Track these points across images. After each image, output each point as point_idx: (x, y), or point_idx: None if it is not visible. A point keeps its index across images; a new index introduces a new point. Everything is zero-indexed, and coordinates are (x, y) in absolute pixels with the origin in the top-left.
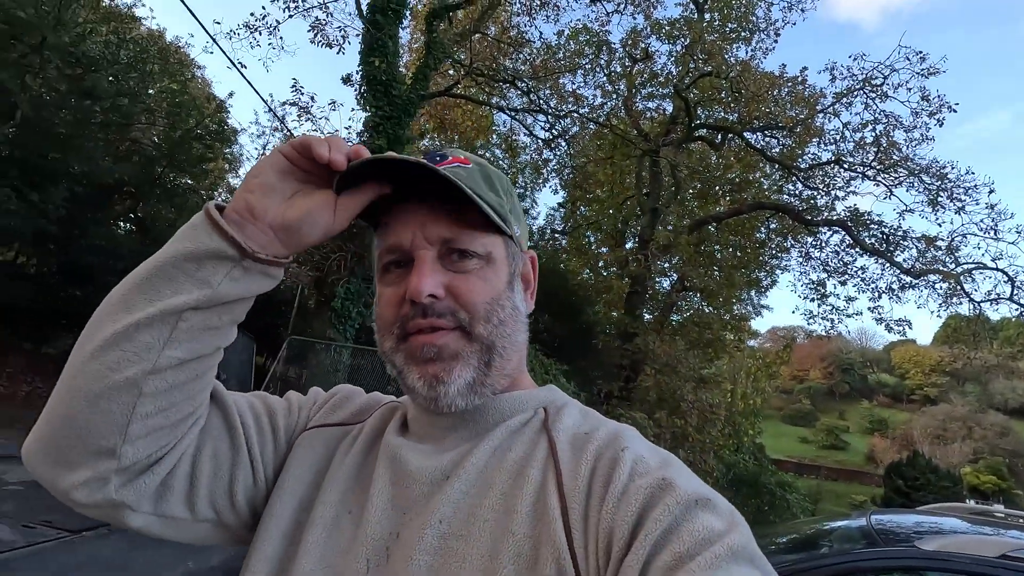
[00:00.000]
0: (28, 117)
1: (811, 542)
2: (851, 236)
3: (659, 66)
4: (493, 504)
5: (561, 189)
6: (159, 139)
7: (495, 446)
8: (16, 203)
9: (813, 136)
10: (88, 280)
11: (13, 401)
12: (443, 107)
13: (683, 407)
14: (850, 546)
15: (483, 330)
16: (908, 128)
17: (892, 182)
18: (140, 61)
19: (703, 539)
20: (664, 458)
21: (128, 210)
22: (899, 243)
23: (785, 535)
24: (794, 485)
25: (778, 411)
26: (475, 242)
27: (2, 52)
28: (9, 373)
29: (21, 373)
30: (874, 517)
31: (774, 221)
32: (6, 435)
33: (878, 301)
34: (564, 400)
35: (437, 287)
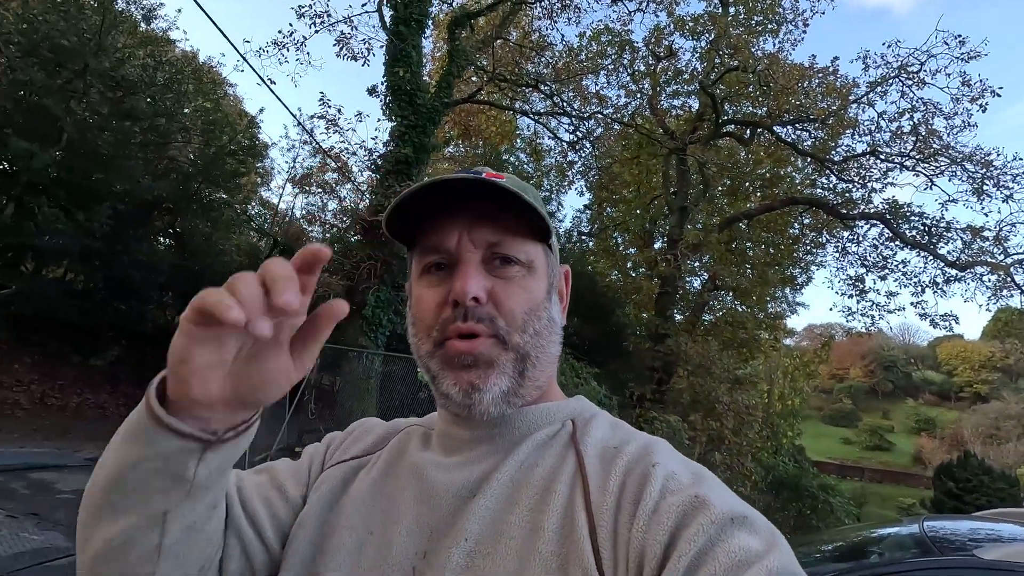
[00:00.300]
0: (73, 140)
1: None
2: (890, 229)
3: (683, 63)
4: (520, 521)
5: (587, 191)
6: (195, 156)
7: (522, 460)
8: (64, 222)
9: (847, 127)
10: (131, 294)
11: (65, 412)
12: (467, 114)
13: (718, 409)
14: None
15: (519, 339)
16: (948, 115)
17: (933, 172)
18: (175, 82)
19: (740, 561)
20: (697, 473)
21: (167, 225)
22: (942, 235)
23: (832, 542)
24: (837, 488)
25: (818, 411)
26: (519, 249)
27: (48, 79)
28: (61, 385)
29: (72, 385)
30: (927, 523)
31: (808, 216)
32: (58, 444)
33: (921, 296)
34: (593, 411)
35: (481, 290)
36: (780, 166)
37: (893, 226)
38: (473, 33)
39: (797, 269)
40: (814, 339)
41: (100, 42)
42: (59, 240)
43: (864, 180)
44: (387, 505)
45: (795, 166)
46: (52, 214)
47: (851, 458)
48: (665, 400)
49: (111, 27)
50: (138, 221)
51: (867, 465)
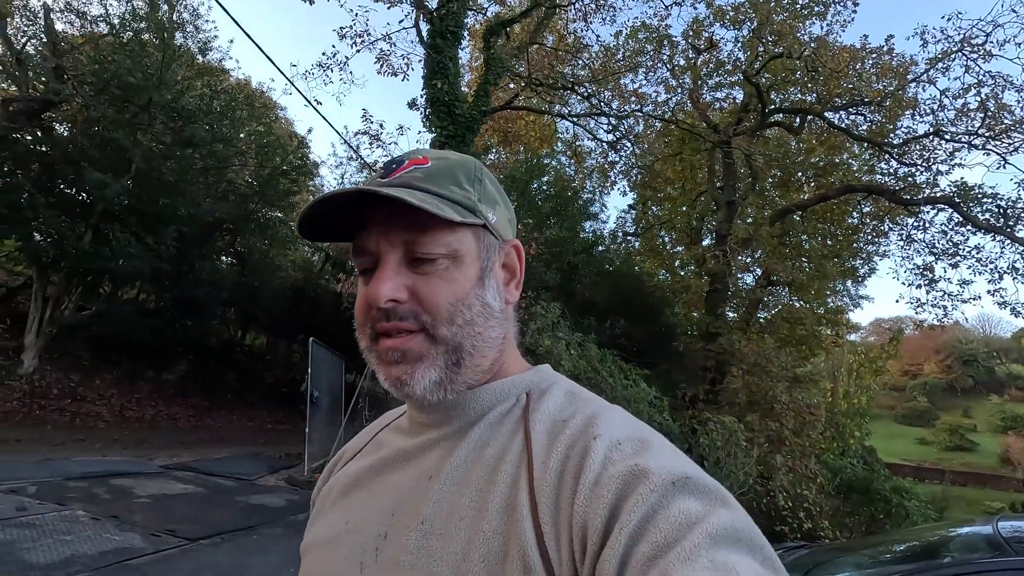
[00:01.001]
0: (141, 169)
1: (928, 550)
2: (960, 213)
3: (725, 54)
4: (469, 502)
5: (630, 190)
6: (251, 178)
7: (475, 441)
8: (135, 246)
9: (906, 108)
10: (197, 311)
11: (141, 423)
12: (506, 120)
13: (777, 409)
14: (973, 555)
15: (446, 331)
16: (1021, 87)
17: (1005, 149)
18: (231, 109)
19: (681, 524)
20: (642, 440)
21: (228, 245)
22: (1020, 216)
23: (898, 542)
24: (913, 491)
25: (889, 410)
26: (436, 243)
27: (118, 114)
28: (137, 398)
29: (147, 398)
30: (1002, 523)
31: (867, 204)
32: (135, 453)
33: (999, 283)
34: (551, 382)
35: (398, 291)
36: (834, 153)
37: (963, 210)
38: (508, 40)
39: (858, 260)
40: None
41: (162, 76)
42: (132, 263)
43: (928, 162)
44: (363, 495)
45: (851, 152)
46: (125, 239)
47: (929, 459)
48: (719, 400)
49: (171, 61)
50: (201, 242)
51: (948, 467)
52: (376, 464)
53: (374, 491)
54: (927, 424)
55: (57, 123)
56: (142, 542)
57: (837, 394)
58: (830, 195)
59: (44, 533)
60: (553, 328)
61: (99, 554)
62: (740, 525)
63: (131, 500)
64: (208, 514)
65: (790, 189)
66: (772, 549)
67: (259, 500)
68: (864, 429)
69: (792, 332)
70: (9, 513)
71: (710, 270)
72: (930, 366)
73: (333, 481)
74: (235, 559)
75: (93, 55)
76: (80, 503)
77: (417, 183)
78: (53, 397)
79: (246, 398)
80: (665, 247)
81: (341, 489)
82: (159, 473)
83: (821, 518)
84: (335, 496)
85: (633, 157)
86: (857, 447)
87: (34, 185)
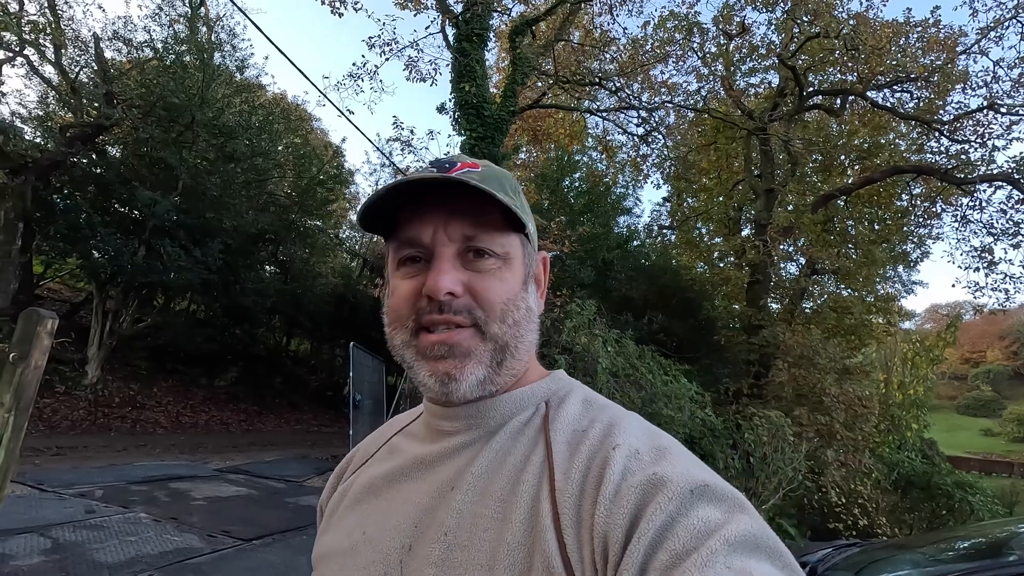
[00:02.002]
0: (187, 186)
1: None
2: (1020, 190)
3: (758, 38)
4: (492, 513)
5: (664, 183)
6: (289, 189)
7: (496, 451)
8: (184, 259)
9: (956, 82)
10: (245, 319)
11: (196, 428)
12: (535, 119)
13: (826, 402)
14: None
15: (497, 329)
16: None
17: None
18: (268, 123)
19: (699, 532)
20: (661, 448)
21: (271, 254)
22: None
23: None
24: (978, 485)
25: (950, 401)
26: (494, 241)
27: (164, 134)
28: (192, 404)
29: (201, 404)
30: None
31: (917, 185)
32: (191, 457)
33: None
34: (568, 389)
35: (456, 284)
36: (879, 134)
37: (1023, 186)
38: (534, 39)
39: (909, 244)
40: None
41: (203, 95)
42: (182, 276)
43: (983, 138)
44: (379, 504)
45: (898, 132)
46: (175, 253)
47: (996, 452)
48: (764, 395)
49: (211, 81)
50: (246, 253)
51: (1018, 459)
52: (392, 472)
53: (391, 500)
54: (992, 414)
55: (109, 146)
56: (200, 542)
57: (891, 385)
58: (876, 178)
59: (110, 534)
60: (589, 325)
61: (160, 554)
62: (758, 532)
63: (188, 502)
64: (260, 515)
65: (833, 174)
66: (791, 556)
67: (307, 501)
68: (922, 421)
69: (840, 322)
70: (79, 516)
71: (750, 261)
72: (993, 353)
73: (344, 488)
74: (286, 558)
75: (140, 79)
76: (142, 506)
77: (475, 183)
78: (115, 405)
79: (293, 402)
80: (702, 239)
81: (354, 496)
82: (213, 476)
83: (878, 515)
84: (348, 503)
85: (665, 149)
86: (915, 440)
87: (91, 205)
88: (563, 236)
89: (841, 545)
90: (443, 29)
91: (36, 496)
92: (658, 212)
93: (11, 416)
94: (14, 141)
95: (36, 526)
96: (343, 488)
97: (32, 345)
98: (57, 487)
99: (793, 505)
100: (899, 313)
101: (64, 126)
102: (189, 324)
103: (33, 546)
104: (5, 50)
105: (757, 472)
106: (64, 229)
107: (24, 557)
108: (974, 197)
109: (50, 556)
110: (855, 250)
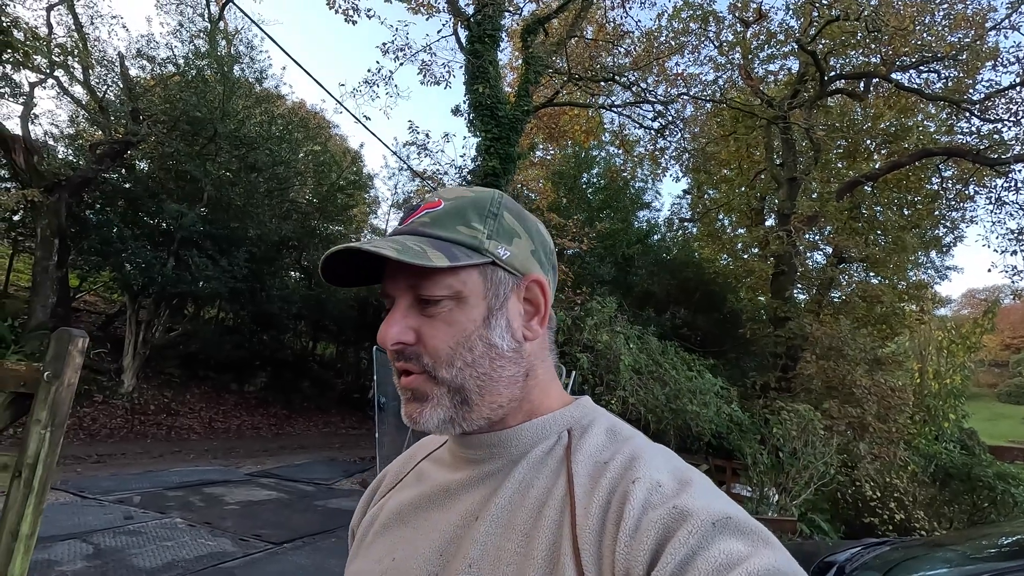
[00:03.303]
0: (212, 197)
1: None
2: None
3: (776, 24)
4: (516, 547)
5: (683, 175)
6: (310, 196)
7: (519, 481)
8: (212, 269)
9: (986, 59)
10: (272, 326)
11: (228, 433)
12: (550, 116)
13: (857, 394)
14: None
15: (446, 374)
16: None
17: None
18: (288, 132)
19: (721, 565)
20: (683, 480)
21: (294, 261)
22: None
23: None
24: (1021, 476)
25: (991, 389)
26: (437, 286)
27: (188, 147)
28: (224, 410)
29: (232, 410)
30: None
31: (948, 168)
32: (224, 462)
33: None
34: (592, 417)
35: (404, 334)
36: (906, 116)
37: None
38: (547, 37)
39: (941, 229)
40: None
41: (224, 108)
42: (210, 285)
43: (1016, 116)
44: (406, 532)
45: (926, 113)
46: (203, 263)
47: None
48: (793, 388)
49: (231, 93)
50: (271, 260)
51: None
52: (418, 499)
53: (418, 528)
54: None
55: (137, 161)
56: (232, 546)
57: (926, 374)
58: (904, 161)
59: (148, 539)
60: (611, 322)
61: (196, 558)
62: (783, 566)
63: (222, 507)
64: (290, 519)
65: (858, 159)
66: None
67: (336, 504)
68: (960, 411)
69: (870, 311)
70: (119, 522)
71: (775, 251)
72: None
73: (373, 512)
74: (316, 561)
75: (163, 95)
76: (178, 511)
77: (424, 229)
78: (151, 413)
79: (321, 405)
80: (725, 231)
81: (383, 522)
82: (245, 481)
83: (915, 508)
84: (377, 528)
85: (683, 141)
86: (953, 430)
87: (121, 219)
88: (582, 233)
89: (870, 543)
90: (455, 32)
91: (78, 503)
92: (678, 205)
93: (48, 432)
94: (48, 160)
95: (79, 532)
96: (372, 513)
97: (65, 363)
98: (97, 494)
99: (826, 500)
100: (933, 300)
101: (94, 144)
102: (218, 332)
103: (76, 552)
104: (37, 72)
105: (787, 467)
106: (97, 243)
107: (68, 563)
108: (1009, 178)
109: (92, 561)
110: (884, 237)
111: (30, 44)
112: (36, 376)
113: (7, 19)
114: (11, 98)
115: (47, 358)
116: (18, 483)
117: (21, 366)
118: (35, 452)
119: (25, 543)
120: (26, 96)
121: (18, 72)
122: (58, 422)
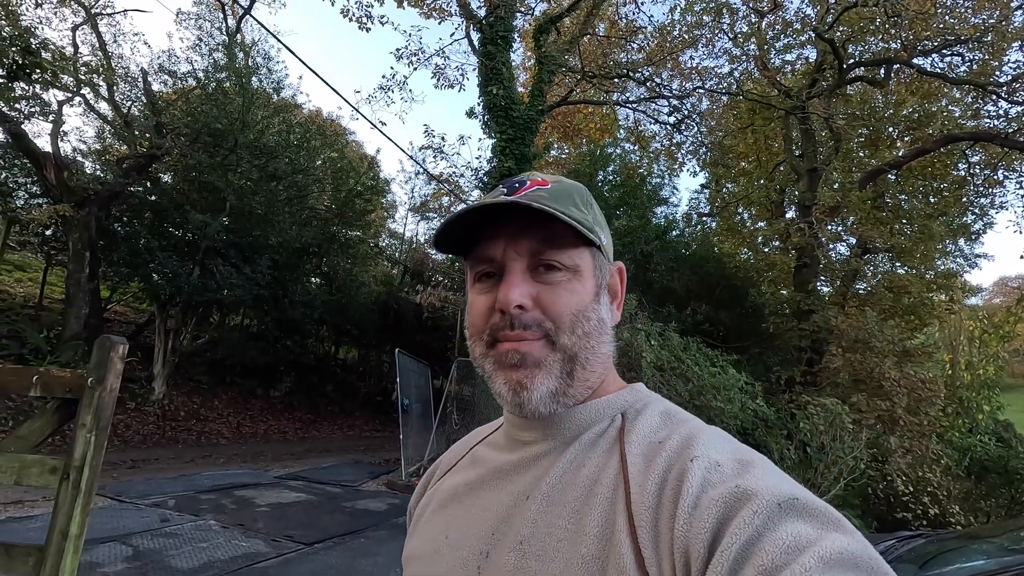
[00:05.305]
0: (234, 206)
1: None
2: None
3: (791, 13)
4: (567, 524)
5: (700, 170)
6: (329, 202)
7: (571, 461)
8: (235, 277)
9: (1012, 40)
10: (295, 331)
11: (256, 438)
12: (565, 115)
13: (886, 386)
14: None
15: (567, 340)
16: None
17: None
18: (306, 140)
19: (790, 547)
20: (744, 461)
21: (315, 267)
22: None
23: None
24: None
25: None
26: (562, 255)
27: (210, 158)
28: (251, 415)
29: (259, 414)
30: None
31: (975, 153)
32: (253, 466)
33: None
34: (646, 401)
35: (525, 298)
36: (930, 102)
37: None
38: (559, 36)
39: (969, 216)
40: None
41: (244, 119)
42: (235, 292)
43: None
44: (460, 511)
45: (950, 98)
46: (227, 271)
47: None
48: (819, 382)
49: (250, 104)
50: (292, 267)
51: None
52: (472, 480)
53: (471, 507)
54: None
55: (162, 173)
56: (265, 547)
57: (958, 366)
58: (929, 148)
59: (184, 541)
60: (631, 320)
61: (230, 559)
62: (857, 550)
63: (253, 509)
64: (320, 520)
65: (881, 147)
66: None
67: (363, 505)
68: (994, 402)
69: (897, 302)
70: (155, 524)
71: (796, 244)
72: None
73: (431, 494)
74: (346, 561)
75: (185, 108)
76: (211, 514)
77: (543, 202)
78: (181, 419)
79: (345, 408)
80: (744, 224)
81: (439, 503)
82: (275, 483)
83: (950, 503)
84: (433, 508)
85: (700, 135)
86: (988, 422)
87: (148, 231)
88: None
89: (905, 536)
90: (468, 34)
91: (116, 507)
92: (696, 200)
93: (93, 436)
94: (77, 175)
95: (118, 535)
96: (430, 494)
97: (107, 369)
98: (134, 498)
99: (856, 495)
100: (963, 289)
101: (120, 158)
102: (243, 338)
103: (116, 554)
104: (65, 91)
105: (815, 462)
106: (126, 255)
107: (110, 564)
108: None
109: (132, 563)
110: (910, 226)
111: (58, 64)
112: (81, 382)
113: (36, 40)
114: (41, 116)
115: (90, 364)
116: (66, 485)
117: (67, 373)
118: (82, 455)
119: (74, 543)
120: (55, 114)
121: (47, 91)
122: (102, 426)
